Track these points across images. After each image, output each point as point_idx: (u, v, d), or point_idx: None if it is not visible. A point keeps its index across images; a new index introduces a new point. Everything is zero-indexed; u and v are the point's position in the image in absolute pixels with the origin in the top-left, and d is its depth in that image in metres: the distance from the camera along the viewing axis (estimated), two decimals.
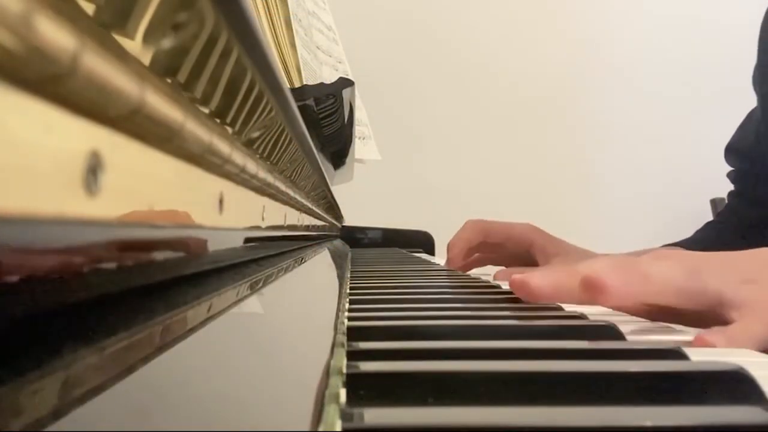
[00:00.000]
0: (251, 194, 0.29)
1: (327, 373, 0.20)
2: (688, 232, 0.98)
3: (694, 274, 0.40)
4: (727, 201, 1.00)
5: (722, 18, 2.02)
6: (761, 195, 0.89)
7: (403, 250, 1.24)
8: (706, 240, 0.88)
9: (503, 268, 0.80)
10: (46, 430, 0.09)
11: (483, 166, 2.01)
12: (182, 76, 0.17)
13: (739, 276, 0.41)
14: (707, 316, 0.39)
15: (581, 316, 0.36)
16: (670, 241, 0.91)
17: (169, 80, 0.16)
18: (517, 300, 0.46)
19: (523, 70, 2.05)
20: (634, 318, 0.42)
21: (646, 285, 0.39)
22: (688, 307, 0.40)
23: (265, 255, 0.40)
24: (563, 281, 0.42)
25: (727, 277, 0.40)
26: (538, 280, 0.43)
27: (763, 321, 0.38)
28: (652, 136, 2.05)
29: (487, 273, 0.79)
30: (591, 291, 0.38)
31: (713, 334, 0.36)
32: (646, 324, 0.40)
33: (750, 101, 0.90)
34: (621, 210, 2.00)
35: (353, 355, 0.24)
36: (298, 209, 0.49)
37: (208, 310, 0.20)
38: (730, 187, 0.99)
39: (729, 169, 0.97)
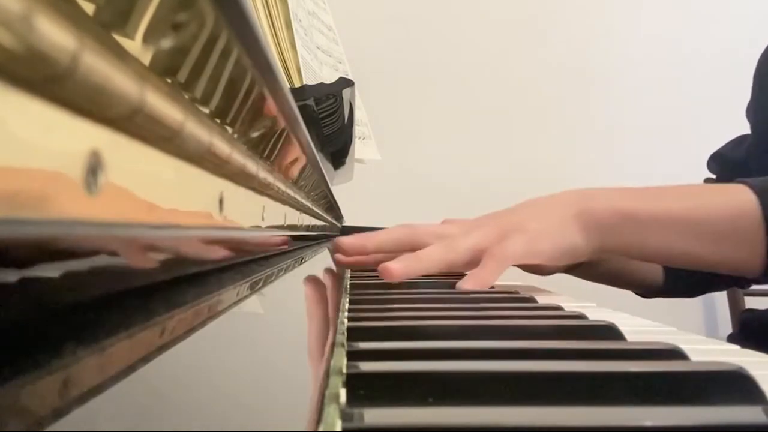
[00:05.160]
0: (251, 194, 0.29)
1: (327, 373, 0.20)
2: None
3: (450, 246, 0.58)
4: None
5: (717, 25, 2.02)
6: None
7: None
8: None
9: None
10: (46, 430, 0.09)
11: (483, 166, 2.01)
12: (182, 76, 0.17)
13: (481, 231, 0.59)
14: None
15: (581, 316, 0.36)
16: None
17: (169, 80, 0.16)
18: (517, 300, 0.46)
19: (522, 70, 2.05)
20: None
21: (419, 263, 0.57)
22: (458, 270, 0.60)
23: (265, 255, 0.40)
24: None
25: (472, 235, 0.59)
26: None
27: (496, 256, 0.56)
28: (650, 138, 2.05)
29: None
30: (384, 275, 0.57)
31: (468, 280, 0.55)
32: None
33: (735, 109, 0.93)
34: None
35: (353, 355, 0.24)
36: (298, 209, 0.49)
37: (208, 310, 0.20)
38: None
39: (708, 175, 1.06)
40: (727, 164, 1.03)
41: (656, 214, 0.58)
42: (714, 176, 1.05)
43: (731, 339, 0.91)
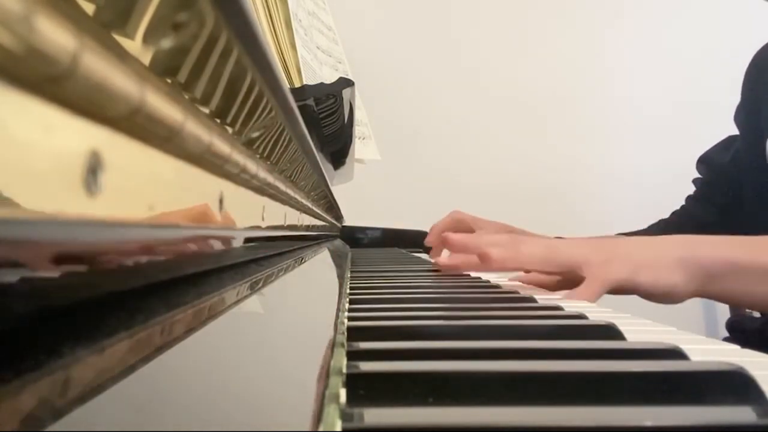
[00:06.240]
0: (251, 194, 0.29)
1: (327, 373, 0.20)
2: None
3: (552, 248, 0.63)
4: (684, 203, 1.15)
5: (716, 26, 2.02)
6: (721, 205, 1.07)
7: (403, 250, 1.23)
8: (655, 233, 1.01)
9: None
10: (46, 430, 0.09)
11: (483, 167, 2.01)
12: (182, 76, 0.17)
13: (587, 248, 0.63)
14: (569, 275, 0.63)
15: (581, 316, 0.36)
16: None
17: (169, 80, 0.16)
18: (517, 300, 0.46)
19: (523, 70, 2.05)
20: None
21: (517, 254, 0.62)
22: (551, 270, 0.64)
23: (265, 255, 0.40)
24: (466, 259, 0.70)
25: (577, 248, 0.63)
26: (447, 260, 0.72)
27: (600, 278, 0.60)
28: (649, 142, 2.05)
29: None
30: (483, 261, 0.62)
31: (575, 294, 0.58)
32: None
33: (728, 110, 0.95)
34: (623, 212, 2.00)
35: (353, 355, 0.24)
36: (298, 209, 0.49)
37: (208, 310, 0.20)
38: None
39: (697, 175, 1.13)
40: (714, 167, 1.08)
41: (755, 264, 0.63)
42: (701, 176, 1.11)
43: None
